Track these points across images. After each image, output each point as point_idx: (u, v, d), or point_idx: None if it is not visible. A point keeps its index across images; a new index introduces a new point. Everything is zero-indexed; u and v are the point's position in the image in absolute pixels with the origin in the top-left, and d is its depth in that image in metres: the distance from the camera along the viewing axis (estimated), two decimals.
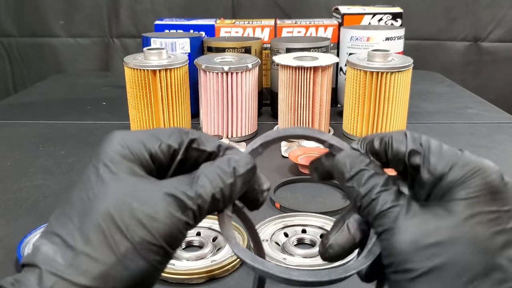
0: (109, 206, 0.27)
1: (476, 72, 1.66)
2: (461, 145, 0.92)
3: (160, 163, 0.30)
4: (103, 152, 0.29)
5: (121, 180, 0.28)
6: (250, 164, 0.31)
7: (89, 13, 1.70)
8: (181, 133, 0.31)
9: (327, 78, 0.87)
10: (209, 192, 0.29)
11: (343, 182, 0.30)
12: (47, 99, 1.22)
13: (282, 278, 0.27)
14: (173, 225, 0.27)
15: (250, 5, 1.64)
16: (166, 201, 0.27)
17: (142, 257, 0.26)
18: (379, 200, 0.29)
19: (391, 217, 0.28)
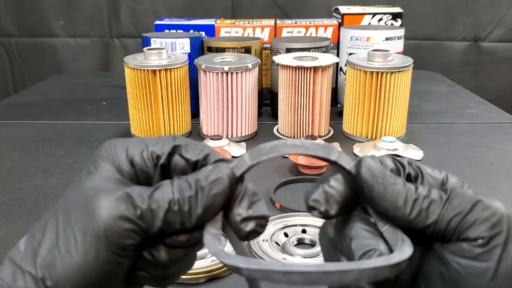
0: (67, 200, 0.28)
1: (476, 72, 1.66)
2: (461, 145, 0.93)
3: (142, 169, 0.29)
4: (91, 155, 0.30)
5: (92, 181, 0.28)
6: (218, 175, 0.27)
7: (89, 13, 1.70)
8: (169, 140, 0.29)
9: (327, 78, 0.87)
10: (166, 199, 0.27)
11: (385, 181, 0.27)
12: (47, 99, 1.22)
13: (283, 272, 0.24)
14: (111, 219, 0.26)
15: (250, 5, 1.64)
16: (111, 201, 0.26)
17: (78, 249, 0.26)
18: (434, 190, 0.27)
19: (469, 193, 0.28)
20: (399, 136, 0.89)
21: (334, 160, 0.29)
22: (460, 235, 0.26)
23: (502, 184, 0.73)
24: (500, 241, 0.25)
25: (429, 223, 0.27)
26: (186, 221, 0.27)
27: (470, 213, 0.26)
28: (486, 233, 0.25)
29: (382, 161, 0.29)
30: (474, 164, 0.80)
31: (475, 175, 0.76)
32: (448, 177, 0.30)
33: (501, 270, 0.25)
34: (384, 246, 0.26)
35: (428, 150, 0.85)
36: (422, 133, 0.95)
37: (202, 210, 0.27)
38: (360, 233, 0.27)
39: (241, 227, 0.28)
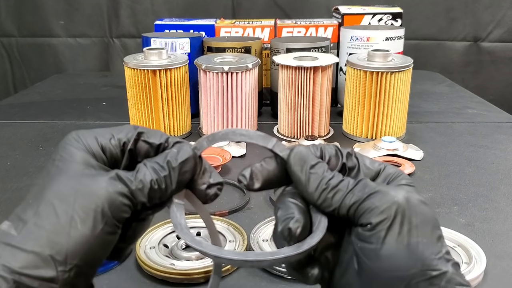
0: (59, 185, 0.30)
1: (476, 72, 1.66)
2: (461, 145, 0.93)
3: (111, 154, 0.33)
4: (60, 146, 0.33)
5: (72, 167, 0.31)
6: (185, 156, 0.33)
7: (89, 13, 1.70)
8: (131, 128, 0.34)
9: (327, 78, 0.87)
10: (148, 180, 0.32)
11: (305, 169, 0.32)
12: (47, 99, 1.22)
13: (213, 255, 0.31)
14: (113, 197, 0.30)
15: (250, 5, 1.64)
16: (109, 180, 0.31)
17: (84, 224, 0.29)
18: (349, 179, 0.32)
19: (373, 184, 0.31)
20: (399, 136, 0.89)
21: (270, 148, 0.35)
22: (357, 221, 0.31)
23: (502, 184, 0.73)
24: (385, 226, 0.29)
25: (331, 209, 0.31)
26: (163, 196, 0.32)
27: (364, 202, 0.30)
28: (373, 219, 0.30)
29: (323, 149, 0.34)
30: (474, 164, 0.80)
31: (475, 175, 0.76)
32: (386, 168, 0.34)
33: (383, 251, 0.29)
34: (300, 215, 0.31)
35: (428, 150, 0.85)
36: (422, 133, 0.95)
37: (176, 185, 0.33)
38: (286, 204, 0.32)
39: (206, 193, 0.34)
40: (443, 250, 0.30)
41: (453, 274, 0.29)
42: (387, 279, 0.30)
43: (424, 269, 0.29)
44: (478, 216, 0.64)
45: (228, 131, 0.35)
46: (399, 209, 0.30)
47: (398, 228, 0.29)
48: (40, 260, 0.28)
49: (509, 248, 0.57)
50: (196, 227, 0.59)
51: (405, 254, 0.29)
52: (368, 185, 0.31)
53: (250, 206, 0.67)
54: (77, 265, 0.29)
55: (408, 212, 0.30)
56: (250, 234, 0.57)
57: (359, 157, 0.34)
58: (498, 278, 0.52)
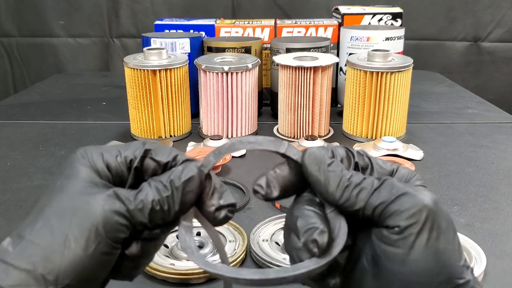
0: (58, 202, 0.30)
1: (476, 72, 1.66)
2: (461, 145, 0.93)
3: (117, 172, 0.32)
4: (66, 162, 0.32)
5: (74, 184, 0.30)
6: (189, 175, 0.31)
7: (89, 13, 1.70)
8: (138, 145, 0.33)
9: (327, 78, 0.87)
10: (149, 200, 0.30)
11: (323, 168, 0.30)
12: (47, 99, 1.22)
13: (231, 278, 0.29)
14: (108, 216, 0.29)
15: (250, 5, 1.64)
16: (106, 198, 0.30)
17: (77, 243, 0.28)
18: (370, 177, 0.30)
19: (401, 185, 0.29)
20: (399, 136, 0.89)
21: (283, 153, 0.33)
22: (383, 222, 0.29)
23: (502, 184, 0.73)
24: (414, 231, 0.28)
25: (356, 208, 0.30)
26: (166, 217, 0.31)
27: (393, 203, 0.29)
28: (402, 222, 0.28)
29: (334, 150, 0.32)
30: (474, 164, 0.80)
31: (475, 175, 0.76)
32: (399, 169, 0.33)
33: (411, 256, 0.28)
34: (323, 225, 0.29)
35: (428, 150, 0.85)
36: (422, 133, 0.95)
37: (179, 206, 0.31)
38: (305, 212, 0.31)
39: (215, 216, 0.32)
40: (463, 256, 0.30)
41: (474, 283, 0.29)
42: (411, 285, 0.28)
43: (450, 276, 0.28)
44: (478, 216, 0.64)
45: (235, 141, 0.33)
46: (429, 213, 0.28)
47: (427, 234, 0.28)
48: (31, 279, 0.28)
49: (509, 248, 0.57)
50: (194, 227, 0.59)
51: (433, 260, 0.28)
52: (395, 186, 0.29)
53: (250, 206, 0.67)
54: (69, 285, 0.28)
55: (437, 217, 0.28)
56: (250, 234, 0.57)
57: (371, 157, 0.33)
58: (498, 278, 0.52)
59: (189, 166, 0.31)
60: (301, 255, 0.30)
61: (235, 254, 0.53)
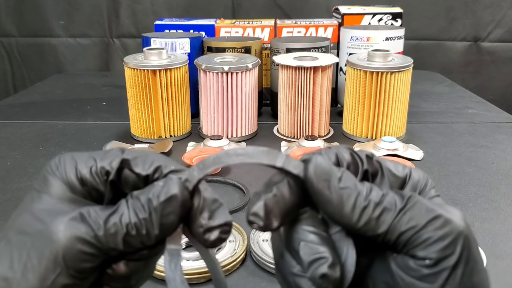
0: (22, 222, 0.27)
1: (476, 72, 1.66)
2: (461, 145, 0.93)
3: (93, 186, 0.28)
4: (41, 173, 0.29)
5: (42, 201, 0.27)
6: (169, 194, 0.26)
7: (89, 13, 1.70)
8: (116, 154, 0.28)
9: (327, 78, 0.87)
10: (124, 223, 0.26)
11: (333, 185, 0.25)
12: (47, 99, 1.22)
13: None
14: (69, 244, 0.25)
15: (250, 5, 1.64)
16: (68, 222, 0.26)
17: (34, 274, 0.25)
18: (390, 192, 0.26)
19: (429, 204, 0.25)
20: (399, 136, 0.89)
21: (280, 167, 0.27)
22: (409, 251, 0.25)
23: (502, 184, 0.73)
24: (449, 264, 0.24)
25: (378, 233, 0.25)
26: (145, 241, 0.26)
27: (423, 229, 0.24)
28: (435, 254, 0.24)
29: (338, 154, 0.27)
30: (474, 164, 0.80)
31: (475, 175, 0.76)
32: (412, 174, 0.28)
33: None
34: (333, 255, 0.25)
35: (428, 150, 0.85)
36: (422, 133, 0.95)
37: (159, 230, 0.26)
38: (308, 236, 0.26)
39: (205, 238, 0.27)
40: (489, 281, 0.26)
41: None
42: None
43: None
44: (478, 216, 0.64)
45: (221, 154, 0.28)
46: (465, 242, 0.24)
47: (463, 267, 0.24)
48: None
49: (509, 248, 0.57)
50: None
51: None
52: (425, 206, 0.25)
53: None
54: None
55: (471, 244, 0.25)
56: (250, 234, 0.57)
57: (381, 161, 0.28)
58: (498, 278, 0.52)
59: (170, 182, 0.27)
60: (300, 283, 0.26)
61: (235, 254, 0.53)
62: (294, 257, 0.27)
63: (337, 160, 0.27)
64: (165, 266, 0.27)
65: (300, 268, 0.26)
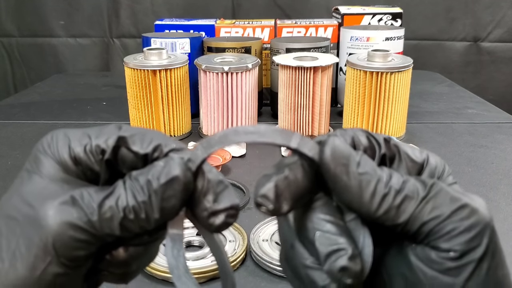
0: (10, 206, 0.25)
1: (476, 72, 1.66)
2: (461, 145, 0.93)
3: (87, 165, 0.26)
4: (32, 151, 0.27)
5: (33, 182, 0.25)
6: (169, 176, 0.24)
7: (89, 13, 1.70)
8: (113, 130, 0.26)
9: (327, 78, 0.87)
10: (121, 207, 0.24)
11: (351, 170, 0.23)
12: (47, 99, 1.22)
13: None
14: (61, 228, 0.23)
15: (250, 5, 1.64)
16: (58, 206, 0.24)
17: (23, 263, 0.23)
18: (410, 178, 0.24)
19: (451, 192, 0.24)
20: (399, 136, 0.89)
21: (295, 148, 0.25)
22: (431, 242, 0.23)
23: (502, 184, 0.73)
24: (475, 257, 0.22)
25: (399, 222, 0.23)
26: (145, 226, 0.24)
27: (448, 219, 0.23)
28: (461, 246, 0.22)
29: (355, 137, 0.25)
30: (474, 164, 0.80)
31: (475, 175, 0.76)
32: (429, 159, 0.27)
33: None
34: (352, 247, 0.23)
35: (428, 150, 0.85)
36: (422, 133, 0.95)
37: (159, 214, 0.24)
38: (325, 226, 0.24)
39: (210, 222, 0.25)
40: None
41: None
42: None
43: None
44: None
45: (228, 132, 0.25)
46: (492, 234, 0.23)
47: (489, 261, 0.23)
48: None
49: (509, 248, 0.57)
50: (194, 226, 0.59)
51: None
52: (449, 194, 0.23)
53: (250, 206, 0.67)
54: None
55: (496, 236, 0.23)
56: (250, 234, 0.57)
57: (399, 144, 0.26)
58: None
59: (171, 162, 0.24)
60: (314, 276, 0.24)
61: (235, 254, 0.54)
62: (307, 248, 0.25)
63: (353, 143, 0.25)
64: (167, 253, 0.25)
65: (314, 260, 0.24)
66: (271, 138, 0.25)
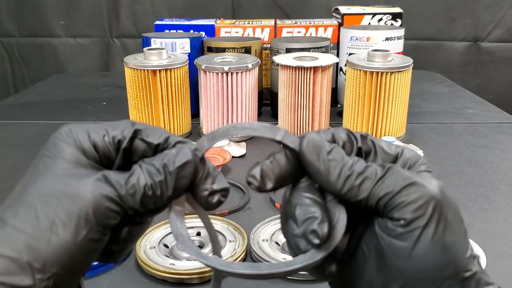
0: (42, 185, 0.28)
1: (476, 72, 1.67)
2: (461, 145, 0.93)
3: (104, 153, 0.30)
4: (50, 141, 0.30)
5: (59, 165, 0.29)
6: (183, 160, 0.29)
7: (89, 13, 1.70)
8: (127, 124, 0.31)
9: (327, 78, 0.87)
10: (141, 185, 0.29)
11: (322, 157, 0.29)
12: (47, 99, 1.22)
13: (223, 271, 0.29)
14: (99, 202, 0.28)
15: (250, 5, 1.64)
16: (95, 182, 0.28)
17: (65, 230, 0.27)
18: (373, 164, 0.29)
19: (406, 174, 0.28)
20: (399, 136, 0.89)
21: (280, 140, 0.31)
22: (388, 214, 0.28)
23: (502, 184, 0.73)
24: (421, 224, 0.27)
25: (359, 199, 0.28)
26: (158, 202, 0.29)
27: (398, 194, 0.27)
28: (408, 215, 0.27)
29: (335, 133, 0.31)
30: (474, 164, 0.80)
31: (475, 175, 0.76)
32: (403, 153, 0.31)
33: (417, 250, 0.27)
34: (323, 214, 0.28)
35: (428, 150, 0.85)
36: (422, 133, 0.95)
37: (172, 192, 0.29)
38: (303, 201, 0.29)
39: (208, 200, 0.31)
40: (469, 246, 0.29)
41: (480, 273, 0.28)
42: (417, 280, 0.28)
43: (457, 270, 0.27)
44: (478, 216, 0.64)
45: (229, 127, 0.32)
46: (437, 205, 0.27)
47: (434, 227, 0.27)
48: (16, 267, 0.26)
49: (509, 248, 0.57)
50: (195, 227, 0.59)
51: (440, 255, 0.27)
52: (402, 174, 0.28)
53: (250, 206, 0.67)
54: (56, 273, 0.27)
55: (445, 208, 0.27)
56: (250, 234, 0.57)
57: (375, 140, 0.31)
58: (498, 278, 0.52)
59: (184, 150, 0.30)
60: (299, 243, 0.29)
61: (235, 254, 0.54)
62: (294, 220, 0.29)
63: (333, 139, 0.31)
64: (172, 224, 0.30)
65: (299, 230, 0.29)
66: (262, 132, 0.31)
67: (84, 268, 0.29)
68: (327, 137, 0.30)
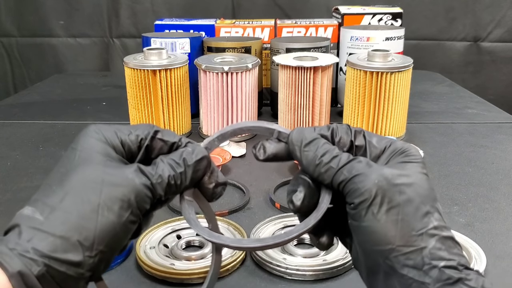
0: (84, 173, 0.32)
1: (476, 72, 1.66)
2: (461, 145, 0.93)
3: (129, 149, 0.36)
4: (80, 138, 0.35)
5: (95, 157, 0.33)
6: (200, 155, 0.36)
7: (89, 13, 1.70)
8: (148, 126, 0.37)
9: (327, 78, 0.87)
10: (166, 175, 0.34)
11: (300, 148, 0.35)
12: (47, 99, 1.22)
13: (235, 246, 0.36)
14: (139, 189, 0.33)
15: (250, 5, 1.64)
16: (134, 172, 0.33)
17: (110, 212, 0.31)
18: (342, 156, 0.34)
19: (360, 165, 0.34)
20: (399, 136, 0.89)
21: (276, 137, 0.38)
22: (346, 198, 0.34)
23: (502, 184, 0.73)
24: (364, 206, 0.33)
25: (325, 183, 0.35)
26: (177, 191, 0.35)
27: (349, 182, 0.33)
28: (356, 200, 0.33)
29: (334, 129, 0.37)
30: (474, 164, 0.80)
31: (475, 175, 0.76)
32: (392, 144, 0.37)
33: (364, 227, 0.33)
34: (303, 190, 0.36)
35: (428, 150, 0.85)
36: (422, 133, 0.95)
37: (189, 182, 0.35)
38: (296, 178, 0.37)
39: (214, 191, 0.37)
40: (430, 225, 0.32)
41: (435, 249, 0.32)
42: (370, 252, 0.33)
43: (400, 244, 0.32)
44: (478, 216, 0.64)
45: (236, 128, 0.39)
46: (378, 191, 0.32)
47: (376, 208, 0.32)
48: (68, 245, 0.30)
49: (509, 248, 0.57)
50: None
51: (383, 231, 0.32)
52: (355, 167, 0.34)
53: (250, 206, 0.67)
54: (102, 251, 0.31)
55: (389, 193, 0.32)
56: (250, 234, 0.57)
57: (367, 135, 0.37)
58: (498, 278, 0.52)
59: (199, 148, 0.36)
60: (288, 207, 0.37)
61: (235, 254, 0.53)
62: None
63: (331, 134, 0.37)
64: (184, 212, 0.36)
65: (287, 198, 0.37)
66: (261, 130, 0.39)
67: (121, 247, 0.34)
68: (321, 132, 0.37)
